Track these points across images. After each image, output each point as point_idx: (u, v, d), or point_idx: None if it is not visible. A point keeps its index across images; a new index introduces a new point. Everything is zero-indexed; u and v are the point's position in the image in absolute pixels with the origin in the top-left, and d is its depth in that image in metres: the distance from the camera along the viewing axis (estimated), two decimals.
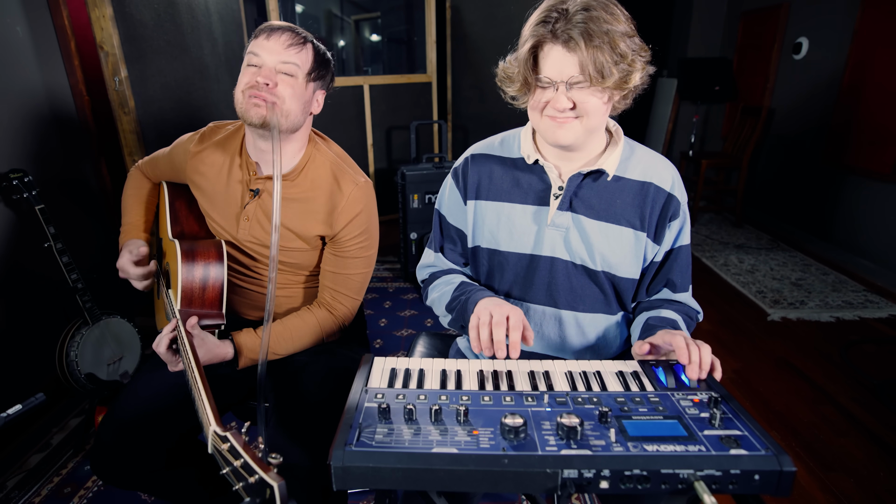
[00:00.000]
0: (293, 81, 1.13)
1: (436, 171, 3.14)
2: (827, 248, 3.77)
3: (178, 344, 1.07)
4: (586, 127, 0.95)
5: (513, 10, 3.81)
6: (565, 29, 0.87)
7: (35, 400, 0.91)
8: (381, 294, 3.20)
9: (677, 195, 1.04)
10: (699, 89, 4.61)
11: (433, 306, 1.18)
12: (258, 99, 1.10)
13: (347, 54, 5.07)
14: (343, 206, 1.21)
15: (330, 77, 1.23)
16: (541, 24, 0.90)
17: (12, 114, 1.95)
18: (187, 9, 2.55)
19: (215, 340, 1.13)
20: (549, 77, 0.91)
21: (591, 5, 0.87)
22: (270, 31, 1.12)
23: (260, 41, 1.12)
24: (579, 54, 0.87)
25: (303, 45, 1.14)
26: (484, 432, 0.71)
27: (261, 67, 1.11)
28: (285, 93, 1.12)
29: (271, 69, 1.11)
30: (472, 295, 1.03)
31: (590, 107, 0.92)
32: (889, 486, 1.71)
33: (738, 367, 2.42)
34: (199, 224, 1.36)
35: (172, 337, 1.09)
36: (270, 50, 1.10)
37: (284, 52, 1.11)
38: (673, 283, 1.09)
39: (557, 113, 0.93)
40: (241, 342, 1.16)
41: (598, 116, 0.95)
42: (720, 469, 0.65)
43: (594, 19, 0.86)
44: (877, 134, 3.32)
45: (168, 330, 1.09)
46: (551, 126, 0.95)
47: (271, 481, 0.60)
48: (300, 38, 1.14)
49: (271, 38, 1.11)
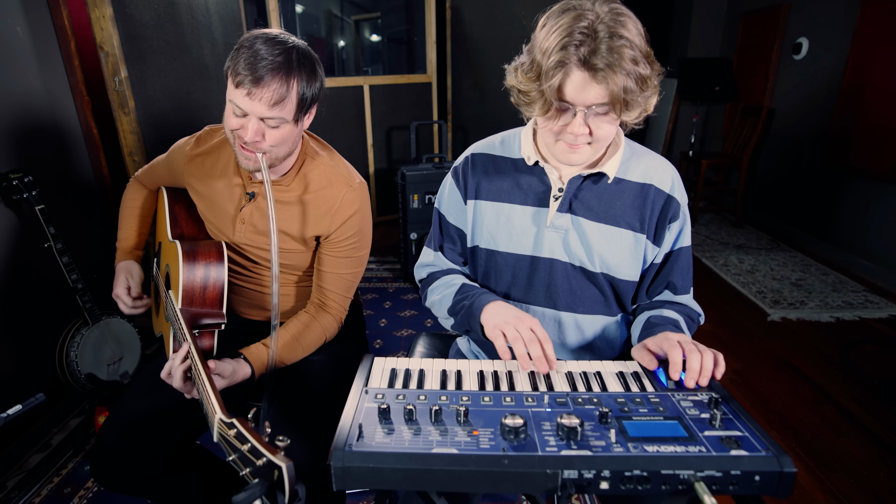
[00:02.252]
0: (282, 128, 1.08)
1: (436, 172, 3.14)
2: (827, 249, 3.77)
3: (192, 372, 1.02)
4: (597, 150, 0.96)
5: (513, 11, 3.81)
6: (593, 56, 0.83)
7: (35, 400, 0.91)
8: (381, 294, 3.20)
9: (677, 196, 1.03)
10: (699, 89, 4.61)
11: (433, 308, 1.18)
12: (249, 153, 1.08)
13: (347, 54, 5.07)
14: (338, 207, 1.21)
15: (320, 90, 1.13)
16: (565, 48, 0.84)
17: (12, 114, 1.95)
18: (187, 9, 2.55)
19: (232, 368, 1.09)
20: (572, 102, 0.88)
21: (616, 31, 0.83)
22: (252, 85, 1.01)
23: (241, 96, 1.03)
24: (610, 85, 0.83)
25: (287, 94, 1.04)
26: (484, 433, 0.71)
27: (245, 117, 1.06)
28: (275, 139, 1.08)
29: (257, 122, 1.05)
30: (476, 299, 1.03)
31: (603, 133, 0.92)
32: (889, 487, 1.71)
33: (738, 368, 2.42)
34: (198, 227, 1.36)
35: (188, 367, 1.02)
36: (254, 108, 1.03)
37: (269, 110, 1.04)
38: (674, 284, 1.09)
39: (573, 139, 0.92)
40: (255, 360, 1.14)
41: (610, 139, 0.96)
42: (720, 470, 0.65)
43: (622, 48, 0.82)
44: (877, 134, 3.32)
45: (179, 361, 1.02)
46: (565, 150, 0.95)
47: (279, 462, 0.61)
48: (285, 87, 1.03)
49: (253, 96, 1.02)
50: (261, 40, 1.04)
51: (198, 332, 1.15)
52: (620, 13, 0.86)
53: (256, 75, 1.01)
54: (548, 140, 0.98)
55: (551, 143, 0.97)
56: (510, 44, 1.01)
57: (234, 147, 1.12)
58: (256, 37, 1.05)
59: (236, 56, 1.03)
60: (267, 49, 1.03)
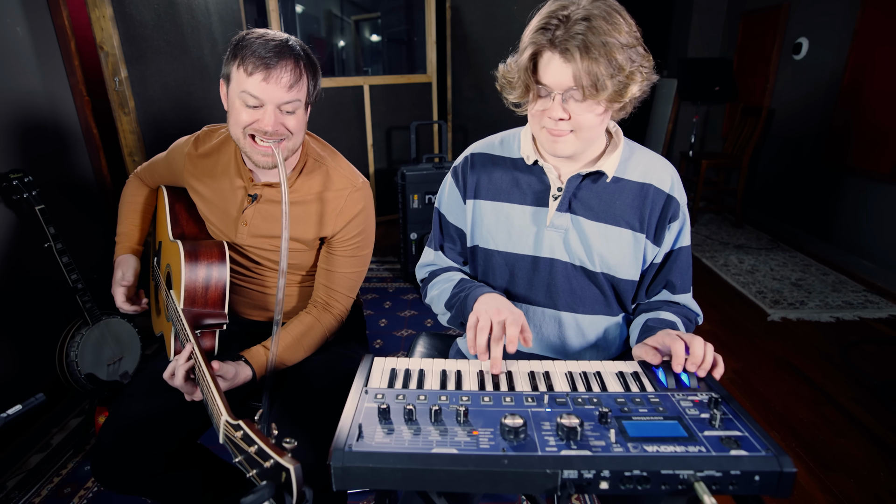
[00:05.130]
0: (297, 113, 1.09)
1: (436, 172, 3.14)
2: (827, 249, 3.77)
3: (195, 373, 1.02)
4: (582, 140, 0.95)
5: (513, 11, 3.81)
6: (564, 39, 0.85)
7: (35, 400, 0.91)
8: (381, 294, 3.20)
9: (677, 196, 1.03)
10: (699, 89, 4.61)
11: (432, 304, 1.18)
12: (265, 148, 1.08)
13: (347, 54, 5.07)
14: (342, 207, 1.21)
15: (320, 79, 1.14)
16: (540, 31, 0.88)
17: (12, 114, 1.95)
18: (187, 9, 2.55)
19: (234, 371, 1.09)
20: (547, 85, 0.90)
21: (592, 14, 0.85)
22: (267, 70, 1.02)
23: (257, 83, 1.02)
24: (574, 66, 0.85)
25: (301, 77, 1.05)
26: (484, 433, 0.71)
27: (261, 108, 1.05)
28: (293, 125, 1.09)
29: (274, 111, 1.05)
30: (472, 291, 1.03)
31: (584, 122, 0.92)
32: (889, 487, 1.71)
33: (738, 368, 2.42)
34: (199, 227, 1.36)
35: (190, 367, 1.02)
36: (271, 93, 1.03)
37: (287, 93, 1.04)
38: (672, 284, 1.09)
39: (553, 125, 0.93)
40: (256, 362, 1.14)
41: (594, 130, 0.95)
42: (720, 470, 0.65)
43: (594, 30, 0.84)
44: (877, 134, 3.32)
45: (183, 361, 1.02)
46: (549, 138, 0.96)
47: (287, 464, 0.61)
48: (298, 71, 1.05)
49: (270, 79, 1.02)
50: (255, 34, 1.06)
51: (199, 332, 1.15)
52: (608, 4, 0.87)
53: (270, 60, 1.02)
54: (535, 130, 0.99)
55: (538, 132, 0.98)
56: (510, 44, 1.01)
57: (244, 145, 1.11)
58: (250, 32, 1.07)
59: (241, 50, 1.04)
60: (270, 37, 1.06)
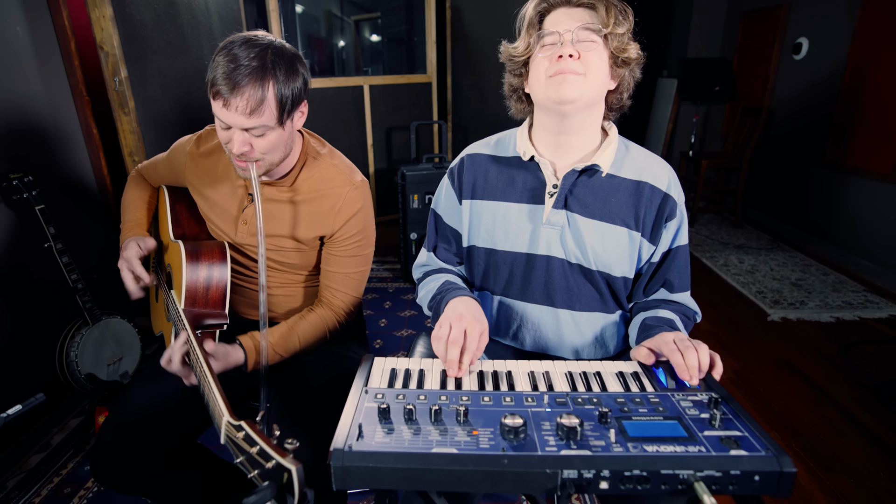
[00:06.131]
0: (268, 135, 1.06)
1: (436, 172, 3.14)
2: (827, 249, 3.77)
3: (190, 358, 1.05)
4: (588, 84, 0.94)
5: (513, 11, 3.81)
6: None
7: (35, 400, 0.91)
8: (381, 294, 3.20)
9: (674, 195, 1.03)
10: (699, 89, 4.61)
11: (422, 304, 1.19)
12: (242, 164, 1.08)
13: (347, 54, 5.06)
14: (341, 206, 1.21)
15: (303, 87, 1.09)
16: None
17: (12, 114, 1.95)
18: (187, 9, 2.55)
19: (225, 350, 1.11)
20: (557, 30, 0.93)
21: None
22: (224, 98, 0.99)
23: (219, 108, 1.02)
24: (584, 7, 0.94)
25: (262, 102, 1.00)
26: (484, 432, 0.71)
27: (230, 129, 1.04)
28: (263, 147, 1.07)
29: (241, 133, 1.04)
30: (447, 295, 1.05)
31: (592, 65, 0.93)
32: (889, 487, 1.71)
33: (738, 368, 2.42)
34: (200, 227, 1.36)
35: (186, 351, 1.05)
36: (233, 119, 1.02)
37: (248, 120, 1.01)
38: (670, 283, 1.09)
39: (562, 64, 0.92)
40: (249, 346, 1.15)
41: (600, 78, 0.95)
42: (720, 470, 0.65)
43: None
44: (877, 134, 3.32)
45: (179, 346, 1.05)
46: (555, 82, 0.93)
47: (289, 465, 0.61)
48: (258, 96, 1.00)
49: (229, 106, 1.00)
50: (236, 45, 1.01)
51: (200, 333, 1.15)
52: None
53: (229, 85, 0.99)
54: (538, 88, 0.98)
55: (543, 82, 0.96)
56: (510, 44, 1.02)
57: (231, 160, 1.12)
58: (231, 42, 1.03)
59: (211, 66, 1.02)
60: (241, 53, 1.00)
